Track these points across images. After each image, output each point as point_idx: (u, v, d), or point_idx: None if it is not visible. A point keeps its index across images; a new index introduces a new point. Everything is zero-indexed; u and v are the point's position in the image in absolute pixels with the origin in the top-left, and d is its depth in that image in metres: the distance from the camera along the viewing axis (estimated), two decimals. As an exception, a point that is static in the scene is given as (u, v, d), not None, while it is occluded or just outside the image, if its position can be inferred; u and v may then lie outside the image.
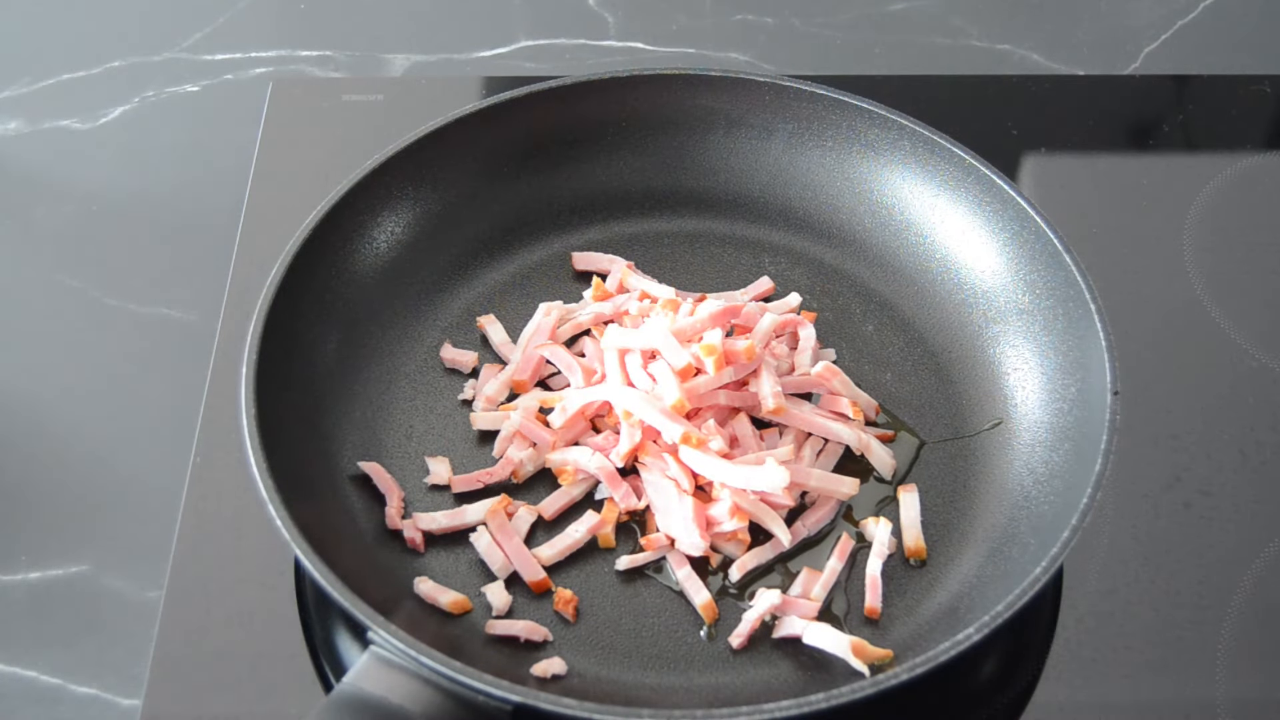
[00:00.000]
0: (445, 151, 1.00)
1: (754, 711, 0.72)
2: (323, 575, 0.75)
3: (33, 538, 0.92)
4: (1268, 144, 1.18)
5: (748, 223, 1.05)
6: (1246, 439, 0.96)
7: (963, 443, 0.93)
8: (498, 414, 0.93)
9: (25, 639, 0.87)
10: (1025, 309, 0.95)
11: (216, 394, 0.95)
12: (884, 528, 0.87)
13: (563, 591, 0.85)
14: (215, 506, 0.90)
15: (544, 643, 0.83)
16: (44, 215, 1.13)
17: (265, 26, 1.30)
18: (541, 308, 0.98)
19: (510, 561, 0.86)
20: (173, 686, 0.82)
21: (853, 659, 0.79)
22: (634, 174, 1.06)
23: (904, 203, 1.02)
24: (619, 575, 0.87)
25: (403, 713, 0.72)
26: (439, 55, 1.26)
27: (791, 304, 1.00)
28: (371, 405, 0.94)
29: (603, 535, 0.88)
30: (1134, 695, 0.84)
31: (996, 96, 1.20)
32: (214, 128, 1.20)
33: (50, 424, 1.00)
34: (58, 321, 1.05)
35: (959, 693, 0.84)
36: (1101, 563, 0.89)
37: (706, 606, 0.84)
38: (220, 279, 1.02)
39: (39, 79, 1.23)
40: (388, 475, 0.89)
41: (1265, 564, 0.89)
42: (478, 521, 0.87)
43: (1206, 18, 1.31)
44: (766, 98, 1.04)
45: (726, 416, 0.91)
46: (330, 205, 0.94)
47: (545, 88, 1.03)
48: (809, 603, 0.84)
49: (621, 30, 1.28)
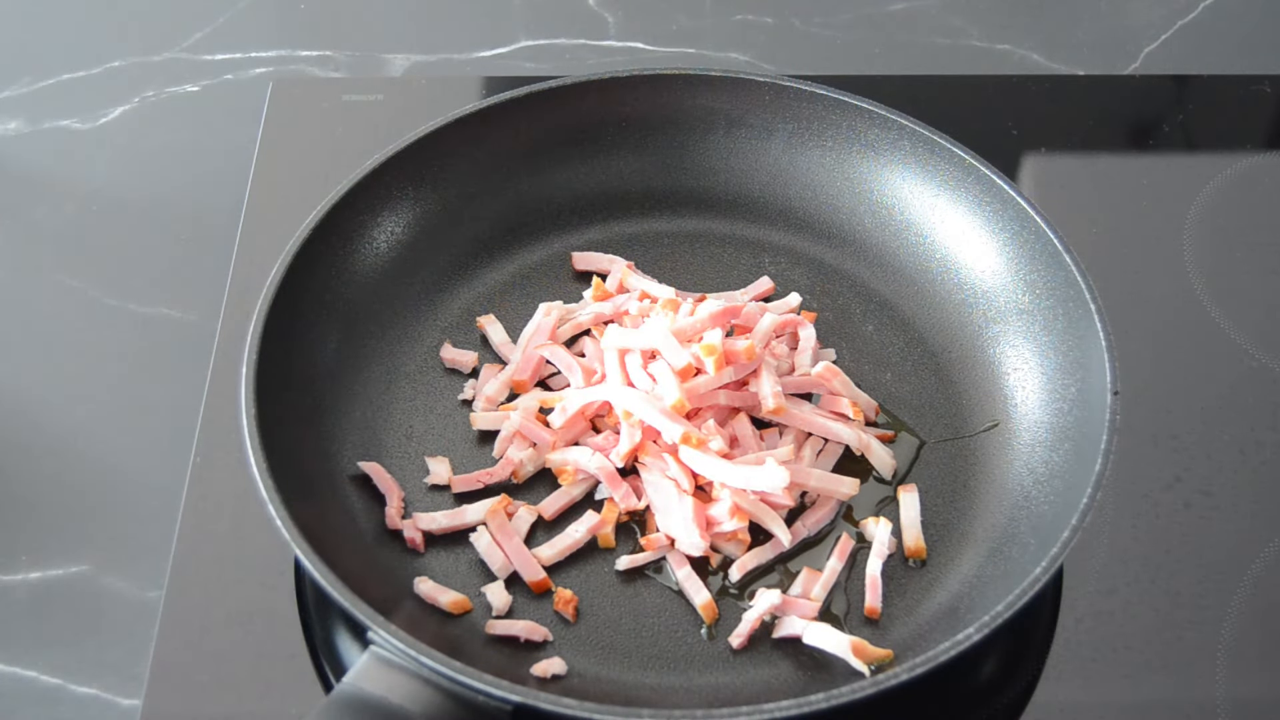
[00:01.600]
0: (445, 151, 1.00)
1: (754, 711, 0.72)
2: (323, 575, 0.75)
3: (33, 538, 0.92)
4: (1268, 144, 1.17)
5: (748, 223, 1.05)
6: (1246, 439, 0.96)
7: (963, 443, 0.93)
8: (498, 414, 0.93)
9: (25, 639, 0.87)
10: (1025, 309, 0.95)
11: (216, 394, 0.95)
12: (884, 528, 0.87)
13: (563, 591, 0.85)
14: (215, 506, 0.90)
15: (544, 643, 0.83)
16: (44, 215, 1.13)
17: (265, 26, 1.30)
18: (541, 308, 0.98)
19: (510, 561, 0.86)
20: (173, 686, 0.82)
21: (853, 659, 0.79)
22: (634, 174, 1.06)
23: (904, 203, 1.02)
24: (619, 575, 0.87)
25: (403, 713, 0.72)
26: (439, 55, 1.26)
27: (791, 304, 1.00)
28: (371, 405, 0.94)
29: (603, 535, 0.88)
30: (1134, 695, 0.84)
31: (996, 96, 1.20)
32: (214, 128, 1.20)
33: (50, 424, 1.00)
34: (58, 321, 1.05)
35: (959, 693, 0.84)
36: (1101, 563, 0.89)
37: (706, 606, 0.84)
38: (220, 279, 1.02)
39: (39, 79, 1.23)
40: (388, 475, 0.89)
41: (1265, 564, 0.89)
42: (478, 521, 0.87)
43: (1206, 18, 1.31)
44: (766, 98, 1.04)
45: (726, 416, 0.91)
46: (330, 205, 0.94)
47: (545, 88, 1.03)
48: (809, 603, 0.84)
49: (621, 30, 1.28)
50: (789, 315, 0.97)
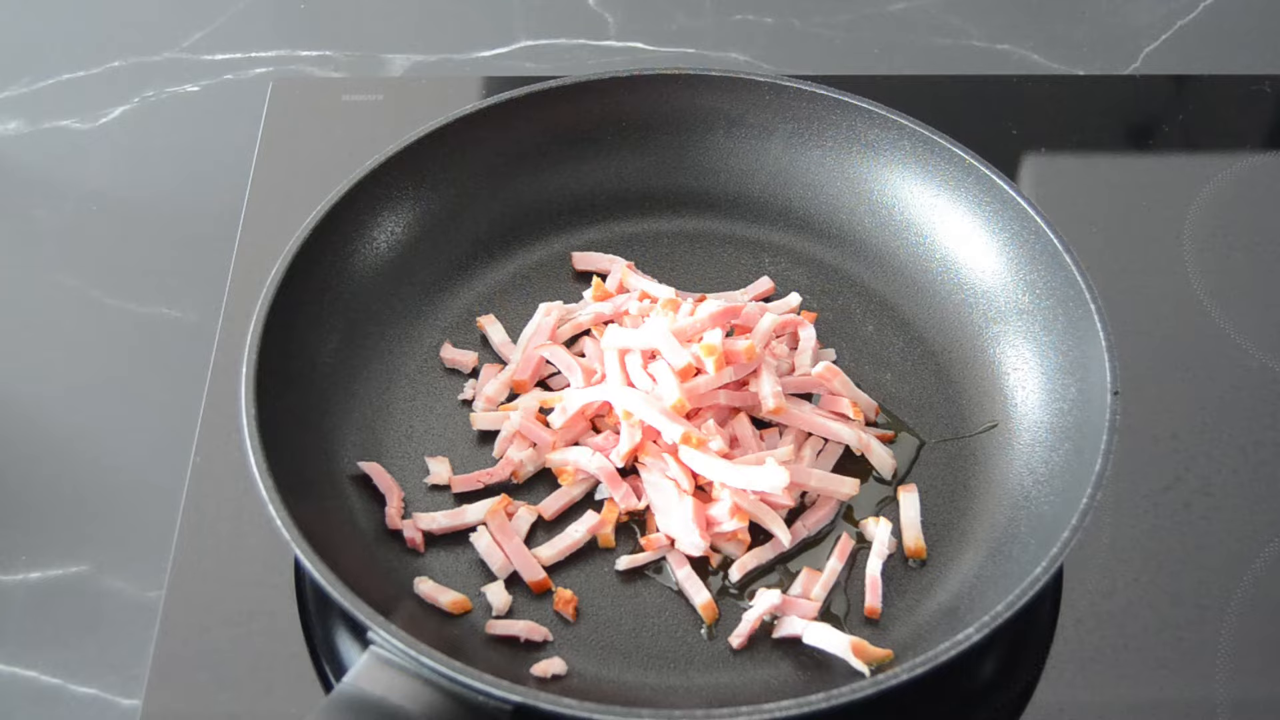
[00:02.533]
0: (445, 151, 1.00)
1: (754, 711, 0.72)
2: (323, 575, 0.75)
3: (33, 538, 0.92)
4: (1268, 144, 1.17)
5: (748, 223, 1.05)
6: (1246, 439, 0.96)
7: (963, 443, 0.93)
8: (497, 414, 0.93)
9: (25, 639, 0.87)
10: (1025, 309, 0.95)
11: (216, 394, 0.95)
12: (884, 528, 0.87)
13: (563, 591, 0.85)
14: (215, 506, 0.90)
15: (544, 643, 0.83)
16: (44, 215, 1.13)
17: (265, 26, 1.30)
18: (541, 308, 0.98)
19: (510, 561, 0.86)
20: (173, 686, 0.82)
21: (853, 659, 0.79)
22: (634, 174, 1.06)
23: (904, 203, 1.02)
24: (619, 575, 0.87)
25: (403, 713, 0.72)
26: (439, 55, 1.26)
27: (791, 304, 1.00)
28: (371, 405, 0.94)
29: (603, 535, 0.88)
30: (1134, 695, 0.84)
31: (996, 96, 1.20)
32: (214, 128, 1.20)
33: (50, 424, 1.00)
34: (58, 321, 1.05)
35: (959, 693, 0.84)
36: (1101, 563, 0.89)
37: (706, 606, 0.84)
38: (220, 279, 1.02)
39: (39, 79, 1.23)
40: (388, 475, 0.89)
41: (1265, 564, 0.89)
42: (477, 521, 0.87)
43: (1206, 18, 1.31)
44: (766, 98, 1.04)
45: (726, 416, 0.91)
46: (330, 205, 0.94)
47: (545, 88, 1.03)
48: (809, 603, 0.84)
49: (621, 30, 1.28)
50: (789, 315, 0.97)
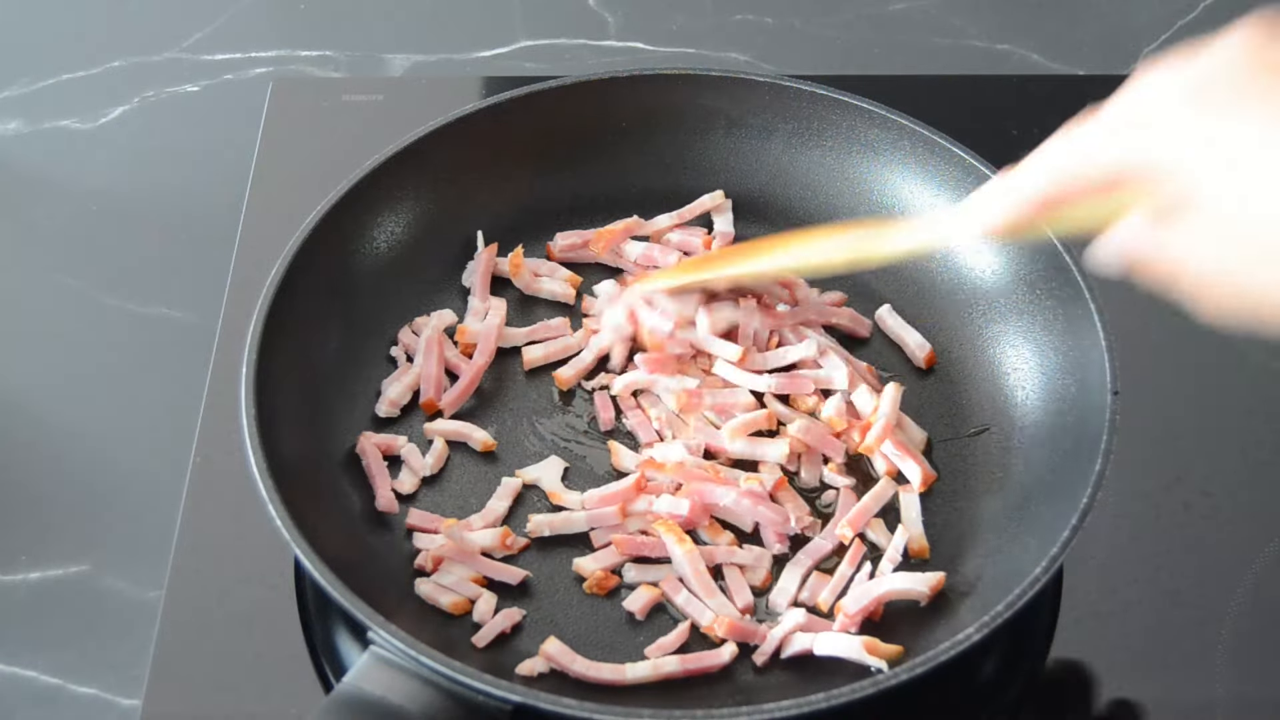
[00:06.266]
0: (445, 151, 1.00)
1: (754, 711, 0.72)
2: (323, 575, 0.75)
3: (33, 538, 0.92)
4: (1268, 144, 1.17)
5: (748, 223, 1.05)
6: (1246, 439, 0.96)
7: (962, 443, 0.93)
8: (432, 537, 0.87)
9: (25, 639, 0.87)
10: (1025, 309, 0.95)
11: (216, 394, 0.95)
12: (899, 535, 0.87)
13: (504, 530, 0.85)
14: (215, 506, 0.90)
15: (535, 636, 0.82)
16: (44, 215, 1.13)
17: (265, 26, 1.30)
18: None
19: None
20: (173, 686, 0.82)
21: (867, 657, 0.78)
22: (634, 174, 1.06)
23: (904, 203, 1.02)
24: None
25: (403, 713, 0.72)
26: (439, 55, 1.26)
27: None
28: (371, 405, 0.93)
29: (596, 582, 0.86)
30: (1134, 695, 0.84)
31: (996, 96, 1.20)
32: (214, 128, 1.20)
33: (50, 424, 1.00)
34: (58, 321, 1.05)
35: (959, 693, 0.84)
36: (1101, 563, 0.89)
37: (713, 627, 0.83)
38: (220, 279, 1.02)
39: (39, 79, 1.23)
40: (381, 459, 0.89)
41: (1265, 564, 0.89)
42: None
43: (1206, 18, 1.31)
44: (766, 98, 1.04)
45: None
46: (330, 205, 0.94)
47: (545, 88, 1.03)
48: (828, 622, 0.83)
49: (621, 30, 1.28)
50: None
